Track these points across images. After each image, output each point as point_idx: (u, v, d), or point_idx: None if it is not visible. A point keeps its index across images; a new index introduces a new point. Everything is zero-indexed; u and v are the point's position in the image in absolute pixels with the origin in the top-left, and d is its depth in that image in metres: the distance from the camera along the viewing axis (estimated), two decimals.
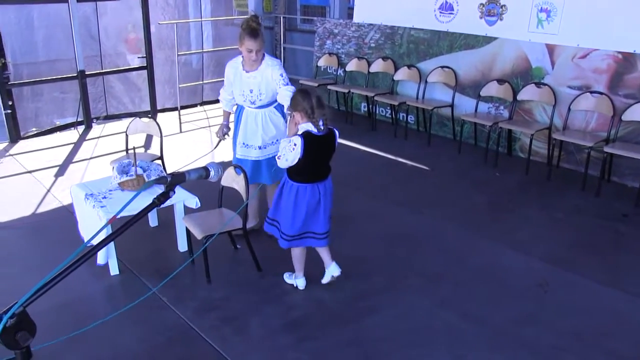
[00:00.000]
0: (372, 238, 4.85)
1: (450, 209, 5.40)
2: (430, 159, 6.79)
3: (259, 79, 4.34)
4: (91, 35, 8.21)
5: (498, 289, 4.10)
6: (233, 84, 4.46)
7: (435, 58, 7.61)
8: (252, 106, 4.40)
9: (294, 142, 3.52)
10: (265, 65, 4.37)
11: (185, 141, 7.47)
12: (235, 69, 4.41)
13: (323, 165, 3.73)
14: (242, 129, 4.50)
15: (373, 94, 7.94)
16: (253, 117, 4.47)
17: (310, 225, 3.78)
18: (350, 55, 8.82)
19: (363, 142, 7.40)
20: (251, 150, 4.51)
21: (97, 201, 4.12)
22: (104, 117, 8.55)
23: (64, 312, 3.77)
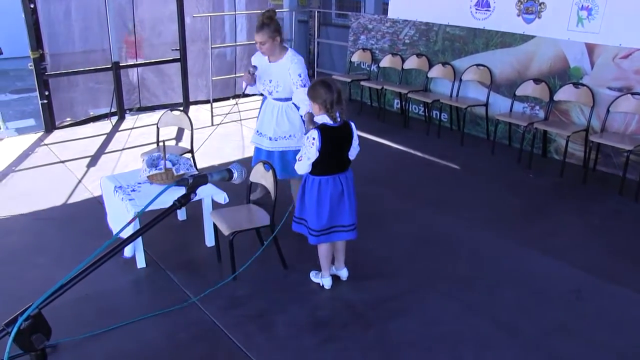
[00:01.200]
0: (401, 238, 4.77)
1: (482, 211, 5.29)
2: (463, 158, 6.69)
3: (277, 69, 4.46)
4: (126, 26, 8.26)
5: (530, 296, 3.97)
6: (259, 71, 4.57)
7: (470, 56, 7.48)
8: (270, 97, 4.57)
9: (312, 136, 3.55)
10: (287, 60, 4.46)
11: (216, 135, 7.48)
12: (262, 57, 4.53)
13: (342, 156, 3.74)
14: (261, 116, 4.67)
15: (406, 91, 7.84)
16: (271, 108, 4.62)
17: (337, 218, 3.78)
18: (384, 51, 8.72)
19: (395, 139, 7.33)
20: (263, 139, 4.65)
21: (126, 194, 4.12)
22: (137, 109, 8.60)
23: (88, 305, 3.77)
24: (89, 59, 8.00)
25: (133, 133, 7.57)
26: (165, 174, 4.18)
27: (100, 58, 7.98)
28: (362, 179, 5.97)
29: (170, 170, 4.19)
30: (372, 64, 8.86)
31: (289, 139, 4.62)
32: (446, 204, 5.44)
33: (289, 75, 4.43)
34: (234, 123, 8.01)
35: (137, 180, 4.35)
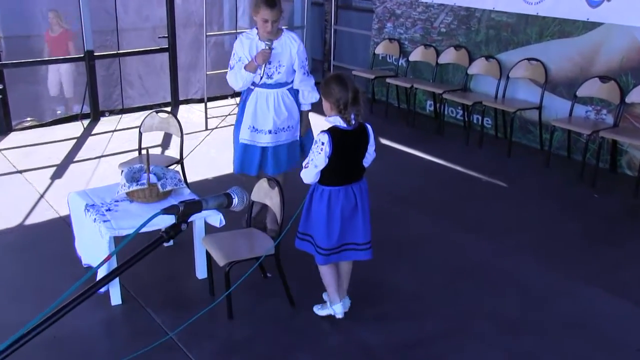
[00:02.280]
0: (433, 269, 4.78)
1: (534, 237, 5.29)
2: (510, 173, 6.70)
3: (279, 49, 4.69)
4: (105, 10, 8.37)
5: (593, 345, 3.94)
6: (247, 59, 4.71)
7: (520, 48, 7.50)
8: (267, 81, 4.72)
9: (321, 140, 3.64)
10: (289, 39, 4.76)
11: (212, 141, 7.54)
12: (251, 41, 4.74)
13: (356, 164, 3.83)
14: (250, 111, 4.80)
15: (441, 90, 7.88)
16: (264, 98, 4.78)
17: (349, 234, 3.85)
18: (415, 42, 8.76)
19: (427, 149, 7.36)
20: (260, 135, 4.83)
21: (100, 214, 4.16)
22: (119, 111, 8.69)
23: (54, 350, 3.79)
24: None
25: (109, 138, 7.66)
26: (149, 191, 4.22)
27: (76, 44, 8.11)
28: (386, 196, 5.99)
29: (155, 186, 4.22)
30: (401, 57, 8.91)
31: (287, 131, 4.89)
32: (489, 227, 5.45)
33: (291, 56, 4.74)
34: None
35: (114, 197, 4.38)
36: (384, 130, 7.88)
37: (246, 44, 4.74)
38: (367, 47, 9.69)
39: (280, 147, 4.90)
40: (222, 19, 9.70)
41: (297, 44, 4.77)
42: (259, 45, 4.69)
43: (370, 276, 4.58)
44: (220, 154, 7.09)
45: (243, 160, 4.93)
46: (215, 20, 9.41)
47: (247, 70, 4.68)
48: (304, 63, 4.81)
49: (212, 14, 9.26)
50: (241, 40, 4.76)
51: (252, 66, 4.67)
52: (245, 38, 4.75)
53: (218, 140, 7.56)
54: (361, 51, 10.05)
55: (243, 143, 4.88)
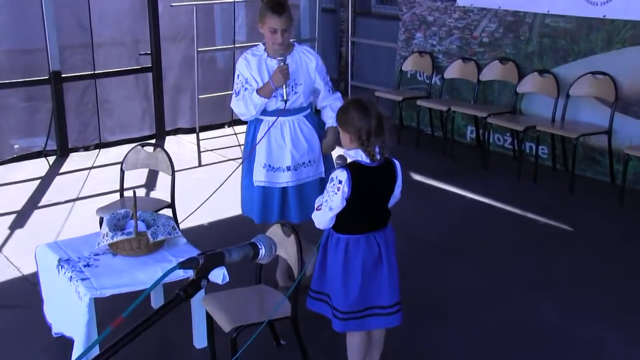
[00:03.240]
0: (486, 336, 4.71)
1: (611, 297, 5.20)
2: (575, 214, 6.66)
3: (293, 66, 4.71)
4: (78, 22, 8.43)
5: None
6: (254, 80, 4.72)
7: (582, 59, 7.50)
8: (281, 107, 4.74)
9: (339, 178, 3.67)
10: (302, 53, 4.81)
11: (207, 180, 7.52)
12: (258, 59, 4.77)
13: (380, 207, 3.86)
14: (263, 146, 4.81)
15: (485, 113, 7.88)
16: (278, 129, 4.79)
17: (372, 295, 3.85)
18: (451, 54, 8.78)
19: (468, 185, 7.35)
20: (279, 174, 4.84)
21: (77, 271, 4.12)
22: (95, 146, 8.71)
23: None
24: (16, 65, 8.15)
25: (83, 177, 7.68)
26: (137, 241, 4.20)
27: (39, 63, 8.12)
28: (419, 244, 5.98)
29: (144, 235, 4.20)
30: (434, 74, 8.94)
31: (309, 166, 4.89)
32: (553, 283, 5.39)
33: (308, 74, 4.79)
34: (234, 162, 8.07)
35: (94, 250, 4.35)
36: (415, 162, 7.90)
37: (253, 62, 4.73)
38: (392, 62, 9.74)
39: (304, 187, 4.89)
40: (216, 31, 9.75)
41: (315, 58, 4.83)
42: (269, 63, 4.70)
43: (408, 345, 4.53)
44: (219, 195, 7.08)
45: (263, 207, 4.89)
46: (208, 33, 9.46)
47: (260, 96, 4.66)
48: (326, 79, 4.88)
49: (205, 25, 9.31)
50: (246, 59, 4.76)
51: (267, 90, 4.65)
52: (251, 56, 4.75)
53: (213, 178, 7.53)
54: (385, 68, 10.09)
55: (260, 186, 4.86)
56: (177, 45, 9.07)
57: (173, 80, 9.19)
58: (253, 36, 9.46)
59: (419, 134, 8.79)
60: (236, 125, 9.52)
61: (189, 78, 9.05)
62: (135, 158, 5.69)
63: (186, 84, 9.19)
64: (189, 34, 8.80)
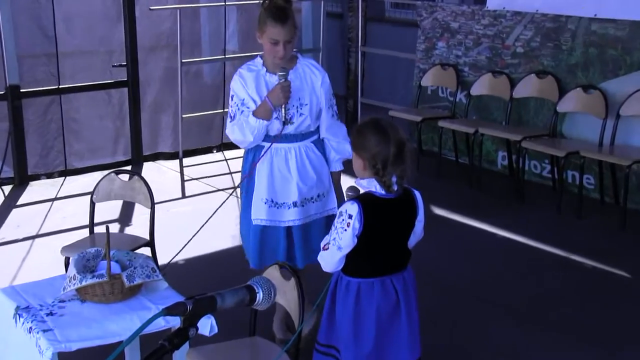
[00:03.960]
0: None
1: None
2: (628, 255, 6.63)
3: (296, 82, 4.69)
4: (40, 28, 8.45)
5: None
6: (252, 100, 4.66)
7: (637, 72, 7.52)
8: (284, 132, 4.69)
9: (348, 212, 3.68)
10: (306, 67, 4.78)
11: (192, 213, 7.59)
12: (255, 75, 4.73)
13: (398, 246, 3.84)
14: (264, 178, 4.74)
15: (519, 136, 7.87)
16: (282, 157, 4.73)
17: (389, 350, 3.83)
18: (479, 67, 8.81)
19: (500, 221, 7.33)
20: (283, 211, 4.77)
21: (38, 321, 4.07)
22: (60, 173, 8.69)
23: None
24: None
25: (45, 210, 7.66)
26: (110, 286, 4.16)
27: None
28: (443, 290, 5.97)
29: (118, 278, 4.17)
30: (459, 90, 8.96)
31: (318, 201, 4.83)
32: (603, 339, 5.34)
33: (314, 92, 4.77)
34: (224, 194, 8.10)
35: (58, 296, 4.31)
36: (437, 194, 7.87)
37: (250, 80, 4.67)
38: (409, 76, 9.76)
39: (311, 226, 4.82)
40: (203, 40, 9.77)
41: (321, 74, 4.79)
42: (269, 79, 4.66)
43: None
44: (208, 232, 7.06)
45: (262, 249, 4.83)
46: (193, 41, 9.49)
47: (258, 118, 4.59)
48: (331, 101, 4.83)
49: (190, 33, 9.34)
50: (241, 75, 4.70)
51: (265, 110, 4.57)
52: (246, 72, 4.71)
53: (200, 212, 7.52)
54: (401, 82, 10.12)
55: (259, 225, 4.79)
56: (157, 56, 9.10)
57: (152, 96, 9.21)
58: (247, 45, 9.52)
59: (441, 160, 8.79)
60: (226, 149, 9.55)
61: (171, 94, 9.10)
62: (108, 188, 5.65)
63: (168, 101, 9.23)
64: (171, 43, 8.85)
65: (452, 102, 9.02)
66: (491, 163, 8.76)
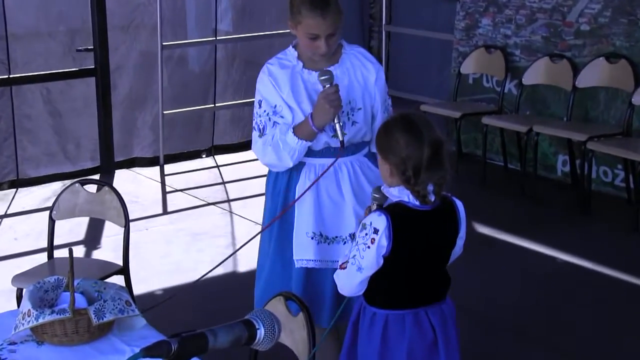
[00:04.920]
0: None
1: None
2: None
3: (345, 80, 4.48)
4: None
5: None
6: (288, 107, 4.44)
7: None
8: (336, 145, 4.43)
9: (374, 225, 3.66)
10: (354, 58, 4.52)
11: (175, 233, 7.64)
12: (290, 73, 4.51)
13: (435, 270, 3.86)
14: (310, 206, 4.50)
15: (585, 136, 7.89)
16: (331, 176, 4.50)
17: None
18: (533, 50, 8.85)
19: (561, 242, 7.35)
20: (337, 247, 4.52)
21: None
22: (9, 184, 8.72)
23: None
24: None
25: None
26: (73, 324, 4.16)
27: None
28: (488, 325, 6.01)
29: (85, 314, 4.17)
30: (507, 78, 9.00)
31: None
32: None
33: (367, 89, 4.53)
34: (214, 208, 8.17)
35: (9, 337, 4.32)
36: (480, 208, 7.92)
37: (283, 78, 4.47)
38: (446, 61, 9.86)
39: None
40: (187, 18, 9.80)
41: (374, 68, 4.55)
42: (307, 77, 4.45)
43: None
44: (186, 254, 7.11)
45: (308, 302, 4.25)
46: (177, 20, 9.50)
47: (299, 138, 4.37)
48: (387, 103, 4.62)
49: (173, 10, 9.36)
50: (271, 73, 4.46)
51: (307, 131, 4.34)
52: (277, 67, 4.50)
53: (185, 231, 7.62)
54: (435, 70, 10.17)
55: (303, 268, 4.55)
56: (131, 38, 9.14)
57: (126, 88, 9.26)
58: (243, 24, 9.63)
59: (486, 165, 8.81)
60: (219, 153, 9.64)
61: (149, 85, 9.16)
62: (71, 202, 5.62)
63: (145, 93, 9.28)
64: (148, 22, 8.89)
65: (500, 94, 9.04)
66: (549, 169, 8.80)
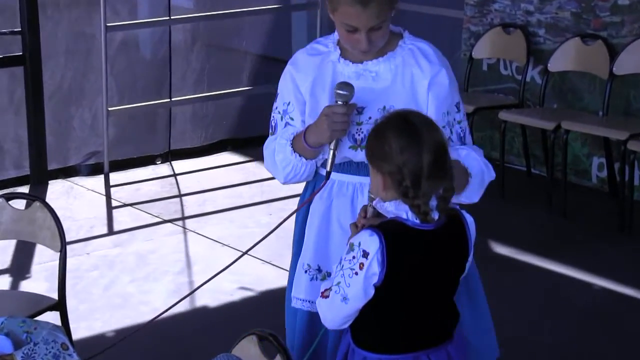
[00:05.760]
0: None
1: None
2: None
3: (387, 79, 4.33)
4: None
5: None
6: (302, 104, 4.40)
7: None
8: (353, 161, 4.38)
9: (363, 247, 3.63)
10: (409, 54, 4.35)
11: (125, 257, 7.62)
12: (320, 61, 4.42)
13: (439, 304, 3.83)
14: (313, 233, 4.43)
15: (625, 134, 7.89)
16: (347, 202, 4.40)
17: None
18: (560, 29, 8.85)
19: (597, 263, 7.35)
20: None
21: None
22: None
23: None
24: None
25: None
26: None
27: None
28: None
29: None
30: (530, 64, 9.02)
31: None
32: None
33: (414, 96, 4.32)
34: (170, 226, 8.22)
35: None
36: (498, 223, 7.97)
37: (307, 67, 4.35)
38: (455, 43, 9.88)
39: None
40: None
41: (433, 69, 4.30)
42: (341, 70, 4.34)
43: None
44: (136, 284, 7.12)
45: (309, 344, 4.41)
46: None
47: (294, 150, 4.31)
48: (452, 116, 4.34)
49: None
50: (294, 61, 4.40)
51: (302, 148, 4.29)
52: (305, 54, 4.41)
53: (137, 256, 7.61)
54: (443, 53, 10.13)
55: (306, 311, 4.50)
56: (67, 18, 9.18)
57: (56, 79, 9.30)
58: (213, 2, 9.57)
59: (505, 171, 8.79)
60: (176, 159, 9.69)
61: (86, 76, 9.21)
62: None
63: (82, 86, 9.34)
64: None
65: (521, 83, 9.04)
66: (582, 175, 8.82)
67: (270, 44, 11.44)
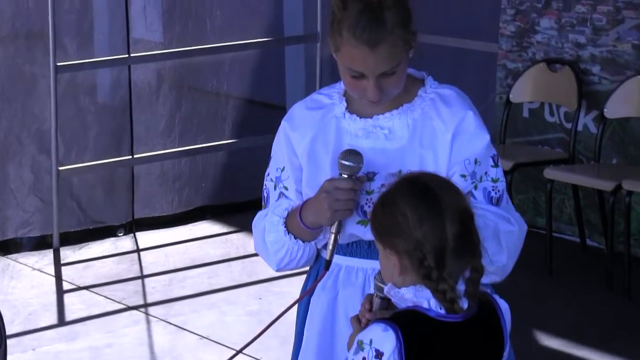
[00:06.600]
0: None
1: None
2: None
3: (403, 137, 4.24)
4: None
5: None
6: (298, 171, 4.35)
7: None
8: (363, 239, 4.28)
9: (375, 346, 3.50)
10: (430, 105, 4.24)
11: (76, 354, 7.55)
12: (321, 116, 4.37)
13: None
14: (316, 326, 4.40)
15: None
16: (357, 291, 4.33)
17: None
18: (620, 65, 8.80)
19: None
20: None
21: None
22: None
23: None
24: None
25: None
26: None
27: None
28: None
29: None
30: (582, 109, 8.96)
31: None
32: None
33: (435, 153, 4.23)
34: (134, 314, 8.14)
35: None
36: (544, 306, 7.96)
37: (305, 124, 4.36)
38: (486, 83, 9.92)
39: None
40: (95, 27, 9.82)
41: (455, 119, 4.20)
42: (347, 127, 4.30)
43: None
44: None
45: None
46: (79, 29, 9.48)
47: (288, 231, 4.26)
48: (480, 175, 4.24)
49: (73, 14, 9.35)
50: (289, 117, 4.41)
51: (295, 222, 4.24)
52: (302, 107, 4.41)
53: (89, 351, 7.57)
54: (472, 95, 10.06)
55: None
56: (9, 54, 9.16)
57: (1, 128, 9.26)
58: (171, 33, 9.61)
59: (552, 242, 8.77)
60: (140, 230, 9.67)
61: (28, 126, 9.22)
62: None
63: (22, 139, 9.36)
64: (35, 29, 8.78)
65: (571, 133, 8.99)
66: None
67: (259, 86, 11.62)
